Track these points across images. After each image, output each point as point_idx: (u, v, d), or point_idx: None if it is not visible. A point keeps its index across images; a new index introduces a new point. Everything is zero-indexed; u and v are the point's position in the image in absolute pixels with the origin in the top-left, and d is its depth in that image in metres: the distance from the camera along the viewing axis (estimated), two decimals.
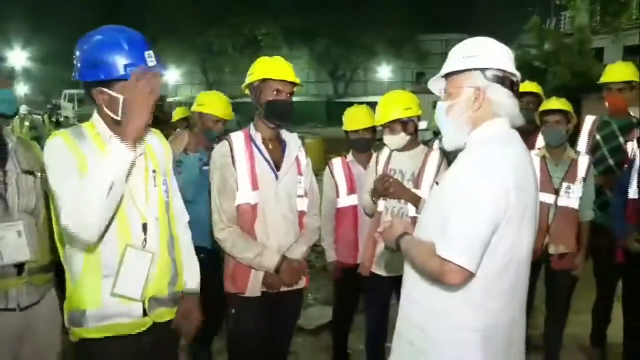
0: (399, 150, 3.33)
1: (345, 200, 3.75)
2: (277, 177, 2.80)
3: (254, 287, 2.77)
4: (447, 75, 1.98)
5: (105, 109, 1.98)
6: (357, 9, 40.78)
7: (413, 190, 3.16)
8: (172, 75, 47.59)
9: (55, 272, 2.44)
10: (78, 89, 29.16)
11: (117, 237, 1.96)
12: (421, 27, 43.96)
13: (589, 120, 4.21)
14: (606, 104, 4.17)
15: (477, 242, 1.74)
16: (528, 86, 4.30)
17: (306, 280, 2.98)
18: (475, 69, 1.89)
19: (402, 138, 3.26)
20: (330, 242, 3.81)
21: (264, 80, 2.75)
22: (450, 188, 1.84)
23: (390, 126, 3.25)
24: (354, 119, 3.73)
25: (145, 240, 2.03)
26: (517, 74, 1.93)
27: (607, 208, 3.89)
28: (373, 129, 3.69)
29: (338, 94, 46.52)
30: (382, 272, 3.32)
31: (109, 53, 1.90)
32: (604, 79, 4.15)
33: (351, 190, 3.74)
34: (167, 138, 2.33)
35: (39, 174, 2.42)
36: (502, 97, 1.88)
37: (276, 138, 2.89)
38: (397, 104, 3.25)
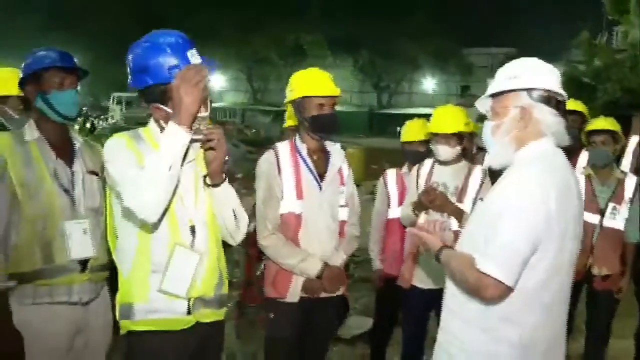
0: (443, 164, 3.39)
1: (396, 211, 3.76)
2: (321, 187, 2.86)
3: (294, 293, 2.82)
4: (494, 95, 2.02)
5: (161, 121, 2.07)
6: (402, 21, 40.73)
7: (456, 204, 3.19)
8: (218, 81, 48.45)
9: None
10: (126, 92, 29.86)
11: (167, 234, 2.03)
12: (467, 40, 43.57)
13: (634, 140, 4.15)
14: None
15: (517, 258, 1.77)
16: (572, 105, 4.26)
17: (345, 289, 3.03)
18: (521, 89, 1.93)
19: (455, 151, 3.33)
20: (377, 251, 3.86)
21: (305, 96, 2.82)
22: (494, 204, 1.87)
23: (447, 138, 3.30)
24: (411, 131, 3.81)
25: (193, 241, 2.10)
26: (564, 93, 1.96)
27: None
28: (427, 142, 3.74)
29: (381, 105, 46.44)
30: (421, 285, 3.35)
31: (154, 58, 1.99)
32: None
33: (402, 202, 3.75)
34: None
35: (101, 175, 2.52)
36: (548, 117, 1.92)
37: (321, 149, 2.94)
38: (458, 118, 3.33)
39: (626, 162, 4.11)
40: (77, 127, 17.10)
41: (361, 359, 4.24)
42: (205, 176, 2.13)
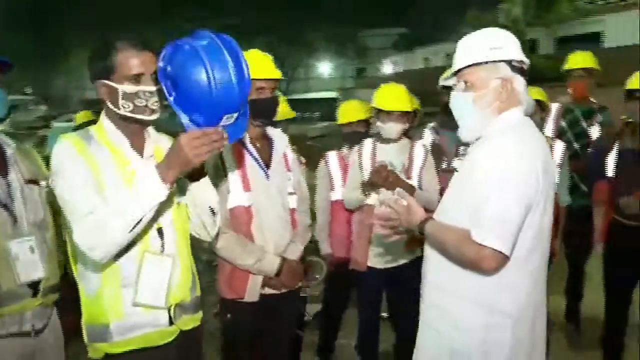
0: (386, 142, 3.40)
1: (340, 193, 3.75)
2: (268, 176, 2.75)
3: (252, 292, 2.70)
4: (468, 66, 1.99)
5: (110, 104, 1.90)
6: (297, 6, 40.80)
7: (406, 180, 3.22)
8: None
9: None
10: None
11: (133, 244, 1.88)
12: (361, 22, 44.43)
13: (554, 107, 4.40)
14: (569, 90, 4.37)
15: (512, 227, 1.81)
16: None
17: (302, 280, 2.95)
18: (501, 61, 1.94)
19: (402, 128, 3.36)
20: (325, 235, 3.83)
21: None
22: (480, 174, 1.87)
23: (397, 115, 3.32)
24: (348, 112, 3.80)
25: (162, 245, 1.96)
26: (528, 62, 2.00)
27: (576, 191, 4.11)
28: (366, 122, 3.73)
29: (280, 91, 46.41)
30: (378, 265, 3.37)
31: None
32: (567, 66, 4.37)
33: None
34: None
35: (43, 183, 2.26)
36: (522, 87, 1.97)
37: (263, 136, 2.82)
38: (406, 96, 3.37)
39: (549, 128, 4.33)
40: None
41: (311, 345, 4.19)
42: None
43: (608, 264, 3.77)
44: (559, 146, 3.81)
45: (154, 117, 1.91)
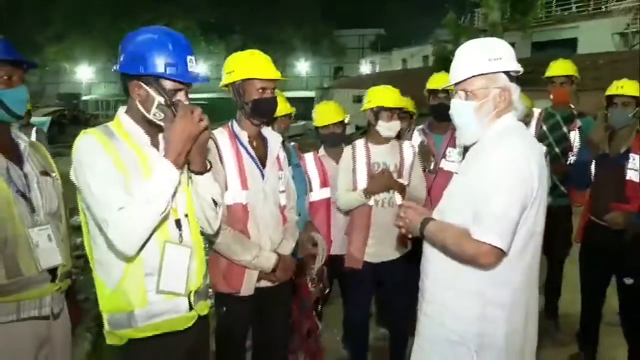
0: (378, 144, 3.53)
1: (319, 193, 3.83)
2: (263, 175, 2.80)
3: (248, 286, 2.78)
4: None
5: (139, 105, 1.99)
6: (274, 4, 40.79)
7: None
8: (85, 73, 45.59)
9: None
10: None
11: (155, 235, 1.97)
12: (338, 22, 44.62)
13: (536, 112, 4.57)
14: (551, 96, 4.56)
15: (510, 224, 1.94)
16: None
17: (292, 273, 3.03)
18: (500, 72, 2.06)
19: (398, 126, 3.50)
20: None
21: (246, 78, 2.72)
22: (480, 176, 2.00)
23: (395, 113, 3.47)
24: (325, 114, 3.85)
25: (180, 235, 2.06)
26: (521, 70, 2.13)
27: (555, 191, 4.29)
28: (342, 124, 3.83)
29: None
30: (373, 260, 3.49)
31: (154, 50, 1.94)
32: (548, 73, 4.54)
33: (324, 184, 3.84)
34: None
35: (54, 174, 2.35)
36: (517, 95, 2.10)
37: (259, 135, 2.88)
38: (399, 95, 3.50)
39: (531, 132, 4.49)
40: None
41: None
42: (188, 164, 2.07)
43: (584, 262, 3.95)
44: (542, 150, 3.97)
45: None
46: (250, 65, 2.72)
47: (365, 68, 46.15)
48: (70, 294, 2.42)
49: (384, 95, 3.51)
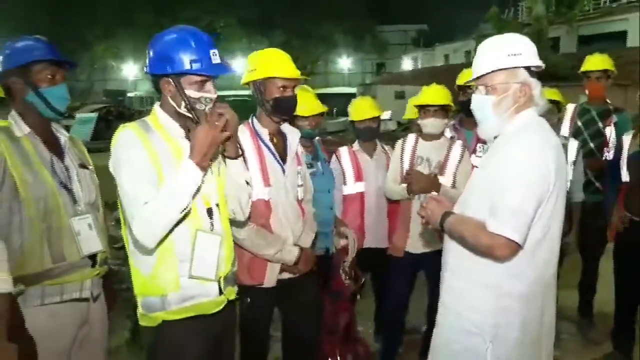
0: (427, 139, 3.65)
1: (353, 187, 3.92)
2: (284, 171, 2.87)
3: (271, 278, 2.87)
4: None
5: (170, 100, 2.13)
6: (316, 0, 40.80)
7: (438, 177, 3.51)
8: (131, 70, 46.70)
9: None
10: None
11: (187, 223, 2.10)
12: (380, 18, 44.38)
13: (570, 108, 4.52)
14: (586, 91, 4.50)
15: (526, 219, 1.98)
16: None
17: (314, 265, 3.10)
18: (520, 67, 2.10)
19: (442, 124, 3.61)
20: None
21: (267, 77, 2.78)
22: (498, 170, 2.05)
23: (436, 111, 3.57)
24: (361, 109, 3.92)
25: (212, 224, 2.18)
26: (543, 65, 2.15)
27: (590, 188, 4.25)
28: (377, 119, 3.91)
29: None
30: (413, 250, 3.59)
31: (178, 49, 2.07)
32: (584, 67, 4.48)
33: (358, 178, 3.92)
34: None
35: (90, 167, 2.52)
36: (539, 91, 2.13)
37: (278, 132, 2.95)
38: (444, 94, 3.60)
39: (565, 128, 4.46)
40: None
41: None
42: (223, 150, 2.20)
43: (619, 259, 3.91)
44: (574, 145, 3.95)
45: None
46: (271, 63, 2.79)
47: (407, 64, 45.85)
48: (107, 280, 2.58)
49: (424, 93, 3.66)
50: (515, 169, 2.00)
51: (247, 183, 2.29)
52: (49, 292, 2.25)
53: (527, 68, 2.11)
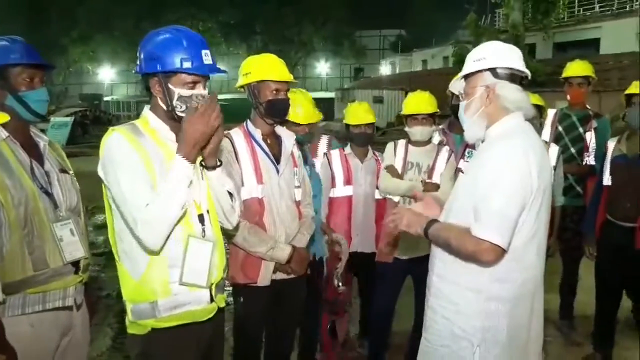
0: (416, 145, 3.74)
1: (342, 190, 3.94)
2: (278, 171, 2.93)
3: (265, 277, 2.89)
4: (465, 78, 2.25)
5: (160, 102, 2.09)
6: (295, 6, 40.90)
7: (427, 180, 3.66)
8: (107, 74, 46.26)
9: None
10: None
11: (180, 229, 2.06)
12: (359, 23, 44.58)
13: (551, 113, 4.59)
14: (567, 97, 4.57)
15: (509, 223, 1.99)
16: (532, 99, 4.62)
17: (308, 267, 3.14)
18: (485, 70, 2.16)
19: (430, 131, 3.72)
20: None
21: (261, 80, 2.86)
22: (480, 175, 2.07)
23: (424, 119, 3.67)
24: (357, 114, 3.96)
25: (203, 230, 2.14)
26: (526, 71, 2.20)
27: (571, 191, 4.32)
28: (372, 125, 3.94)
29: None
30: (402, 256, 3.61)
31: (169, 48, 2.04)
32: (566, 74, 4.56)
33: (347, 181, 3.94)
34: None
35: (71, 172, 2.46)
36: (511, 92, 2.15)
37: (272, 133, 3.01)
38: (430, 101, 3.70)
39: (546, 133, 4.51)
40: None
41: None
42: (201, 161, 2.16)
43: (599, 262, 3.97)
44: (554, 150, 4.01)
45: None
46: (265, 67, 2.88)
47: (385, 69, 46.11)
48: (87, 287, 2.51)
49: (410, 102, 3.76)
50: (498, 173, 2.02)
51: (230, 193, 2.26)
52: (30, 301, 2.18)
53: (493, 71, 2.16)
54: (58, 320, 2.28)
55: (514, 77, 2.17)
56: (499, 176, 2.01)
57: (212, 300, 2.17)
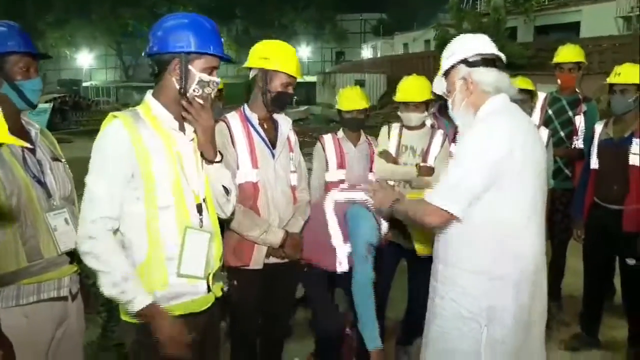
0: (410, 129, 3.74)
1: (335, 174, 3.95)
2: (274, 155, 2.94)
3: (258, 260, 2.91)
4: (445, 77, 2.37)
5: (176, 84, 2.07)
6: None
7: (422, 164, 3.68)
8: (86, 59, 45.48)
9: None
10: None
11: (176, 220, 2.04)
12: (340, 7, 44.33)
13: (541, 96, 4.61)
14: (558, 81, 4.61)
15: (461, 191, 2.10)
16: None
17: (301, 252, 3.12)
18: (458, 63, 2.26)
19: (423, 117, 3.72)
20: None
21: (278, 70, 2.86)
22: (456, 151, 2.20)
23: (417, 105, 3.67)
24: (351, 99, 3.95)
25: (201, 220, 2.13)
26: (497, 52, 2.28)
27: (560, 175, 4.36)
28: (365, 111, 3.94)
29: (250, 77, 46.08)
30: (399, 239, 3.59)
31: (197, 30, 2.05)
32: (557, 59, 4.57)
33: (340, 165, 3.94)
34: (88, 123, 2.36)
35: (63, 160, 2.41)
36: (486, 76, 2.23)
37: (269, 118, 3.01)
38: (425, 87, 3.68)
39: (536, 117, 4.54)
40: None
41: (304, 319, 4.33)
42: (202, 153, 2.16)
43: (587, 244, 4.03)
44: (544, 133, 4.03)
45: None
46: (285, 59, 2.87)
47: (367, 52, 46.01)
48: (80, 277, 2.47)
49: (400, 91, 3.77)
50: (467, 147, 2.14)
51: (225, 188, 2.26)
52: (25, 292, 2.14)
53: (465, 61, 2.25)
54: (53, 311, 2.25)
55: (486, 61, 2.25)
56: (467, 148, 2.14)
57: (209, 290, 2.16)
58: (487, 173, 2.07)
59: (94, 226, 1.96)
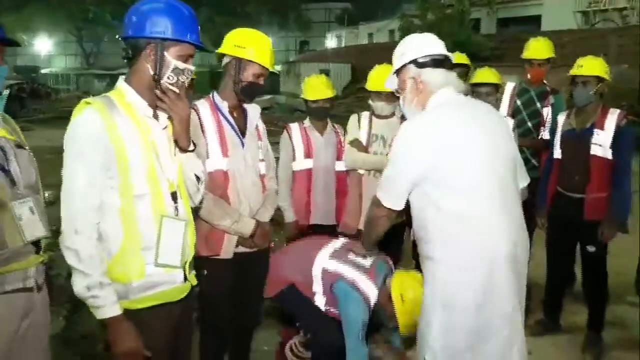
0: (380, 118, 3.76)
1: (302, 163, 3.95)
2: (243, 144, 2.93)
3: (228, 250, 2.90)
4: (397, 75, 2.46)
5: (150, 70, 2.04)
6: None
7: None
8: (44, 44, 44.09)
9: None
10: None
11: (152, 209, 2.01)
12: None
13: (509, 87, 4.69)
14: (528, 75, 4.67)
15: (393, 186, 2.32)
16: (458, 58, 4.67)
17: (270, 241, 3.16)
18: (408, 63, 2.36)
19: (392, 107, 3.73)
20: (289, 203, 3.97)
21: (252, 60, 2.83)
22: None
23: (387, 96, 3.65)
24: (317, 89, 3.93)
25: (176, 208, 2.10)
26: (446, 53, 2.39)
27: (526, 165, 4.41)
28: (331, 100, 3.93)
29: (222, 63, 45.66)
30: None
31: (175, 16, 2.02)
32: (527, 54, 4.61)
33: (307, 154, 3.94)
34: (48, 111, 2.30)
35: (27, 147, 2.31)
36: (435, 77, 2.33)
37: (239, 107, 3.00)
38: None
39: (504, 107, 4.62)
40: None
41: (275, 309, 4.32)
42: (176, 141, 2.14)
43: (550, 233, 4.14)
44: (508, 123, 4.08)
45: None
46: (261, 50, 2.84)
47: (331, 42, 45.92)
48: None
49: (372, 79, 3.80)
50: (396, 145, 2.37)
51: (197, 177, 2.26)
52: None
53: (415, 62, 2.35)
54: (18, 303, 2.17)
55: (436, 62, 2.35)
56: (394, 149, 2.41)
57: (185, 279, 2.14)
58: (412, 173, 2.23)
59: (78, 219, 1.92)
